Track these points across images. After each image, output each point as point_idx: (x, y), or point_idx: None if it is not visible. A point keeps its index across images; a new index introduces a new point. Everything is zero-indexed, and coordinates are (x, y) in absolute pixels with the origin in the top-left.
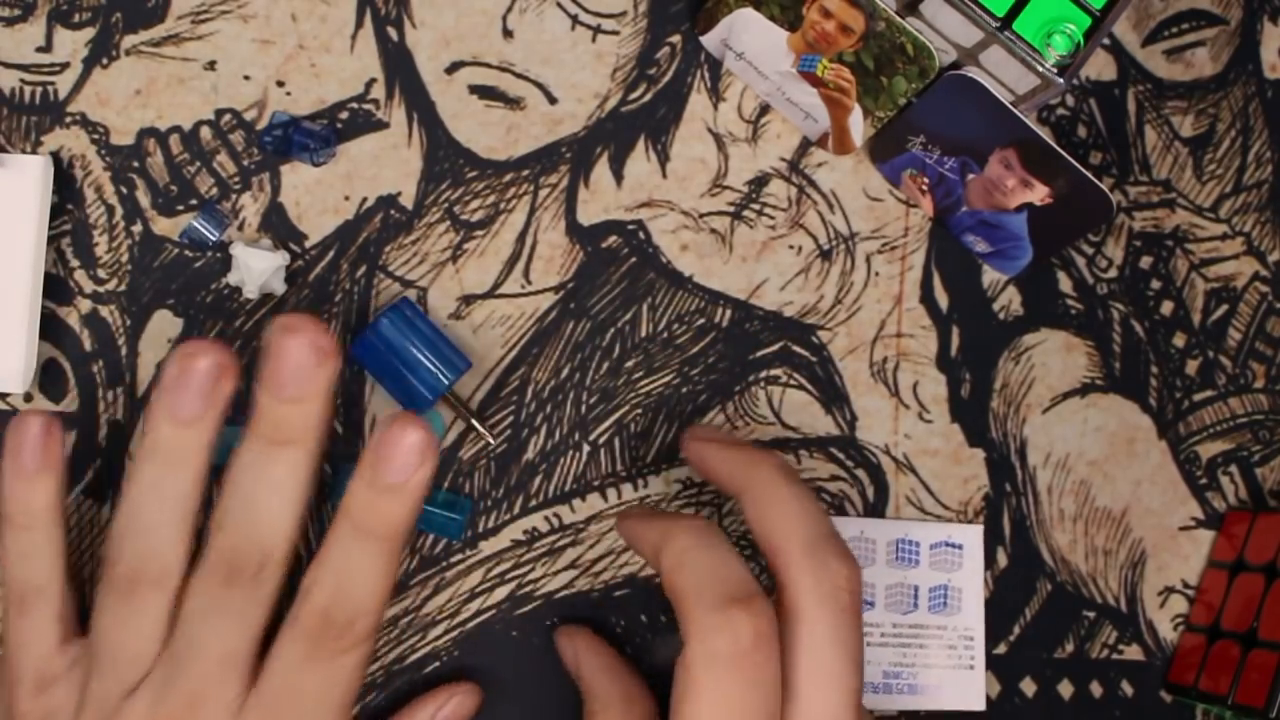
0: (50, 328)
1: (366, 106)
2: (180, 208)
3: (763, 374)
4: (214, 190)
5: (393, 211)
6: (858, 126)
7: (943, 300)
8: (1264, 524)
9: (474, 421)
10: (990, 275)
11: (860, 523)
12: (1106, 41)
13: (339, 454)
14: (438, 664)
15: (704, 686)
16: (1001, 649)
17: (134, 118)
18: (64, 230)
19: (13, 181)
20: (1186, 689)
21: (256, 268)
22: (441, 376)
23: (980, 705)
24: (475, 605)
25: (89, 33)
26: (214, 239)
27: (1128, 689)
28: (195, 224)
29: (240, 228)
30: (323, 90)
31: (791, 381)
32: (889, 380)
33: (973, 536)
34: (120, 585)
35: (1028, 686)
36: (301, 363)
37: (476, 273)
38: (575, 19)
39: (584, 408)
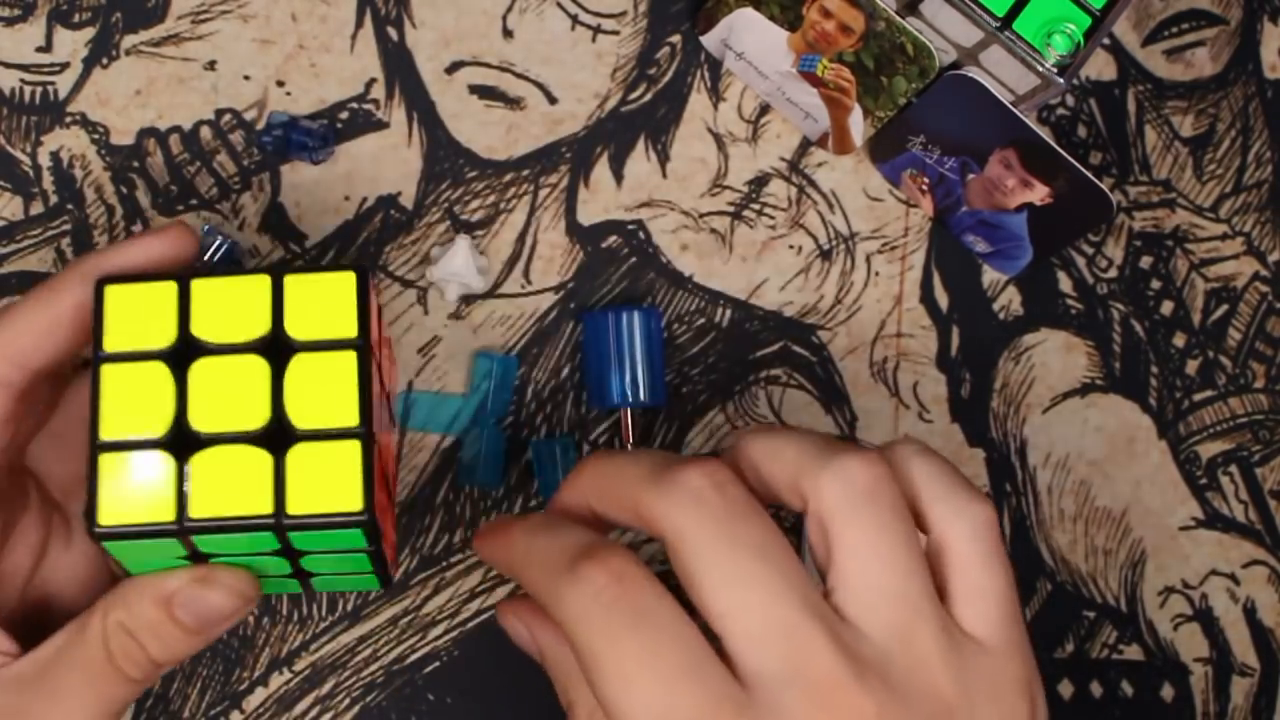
0: None
1: (366, 106)
2: (180, 208)
3: (763, 374)
4: (214, 190)
5: (393, 211)
6: (858, 126)
7: (943, 300)
8: None
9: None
10: (990, 275)
11: None
12: (1106, 41)
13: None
14: (438, 664)
15: (596, 650)
16: None
17: (134, 118)
18: (64, 230)
19: None
20: None
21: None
22: (630, 395)
23: None
24: (475, 605)
25: (89, 33)
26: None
27: (1128, 689)
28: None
29: (240, 228)
30: (323, 90)
31: (791, 381)
32: (889, 380)
33: None
34: None
35: None
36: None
37: None
38: (575, 19)
39: (584, 408)
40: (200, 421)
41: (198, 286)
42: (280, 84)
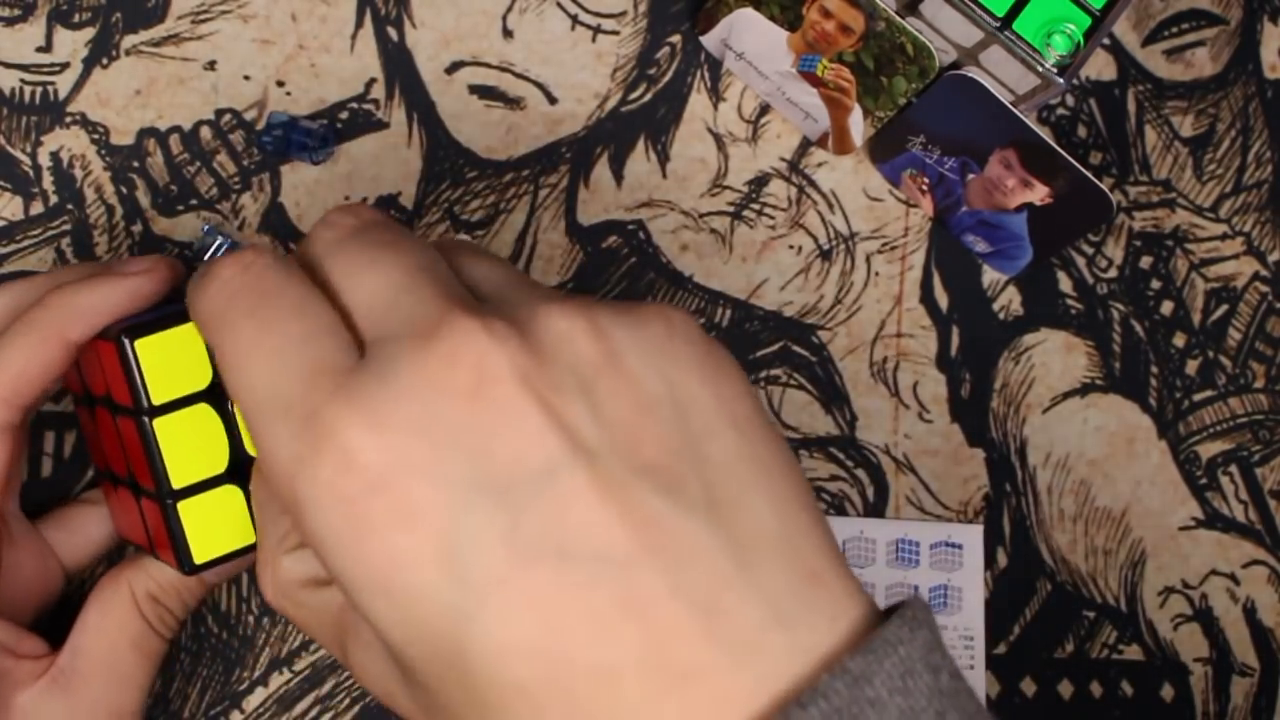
0: None
1: (366, 106)
2: (180, 208)
3: (763, 374)
4: (214, 190)
5: (393, 211)
6: (858, 126)
7: (943, 300)
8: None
9: None
10: (990, 275)
11: (860, 523)
12: (1106, 41)
13: None
14: None
15: (220, 343)
16: (1001, 649)
17: (134, 118)
18: (64, 230)
19: None
20: None
21: None
22: None
23: None
24: None
25: (89, 33)
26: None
27: (1127, 689)
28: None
29: (240, 228)
30: (323, 90)
31: (791, 381)
32: (889, 380)
33: (973, 536)
34: None
35: (1028, 686)
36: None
37: None
38: (575, 19)
39: None
40: (253, 446)
41: None
42: (280, 84)
